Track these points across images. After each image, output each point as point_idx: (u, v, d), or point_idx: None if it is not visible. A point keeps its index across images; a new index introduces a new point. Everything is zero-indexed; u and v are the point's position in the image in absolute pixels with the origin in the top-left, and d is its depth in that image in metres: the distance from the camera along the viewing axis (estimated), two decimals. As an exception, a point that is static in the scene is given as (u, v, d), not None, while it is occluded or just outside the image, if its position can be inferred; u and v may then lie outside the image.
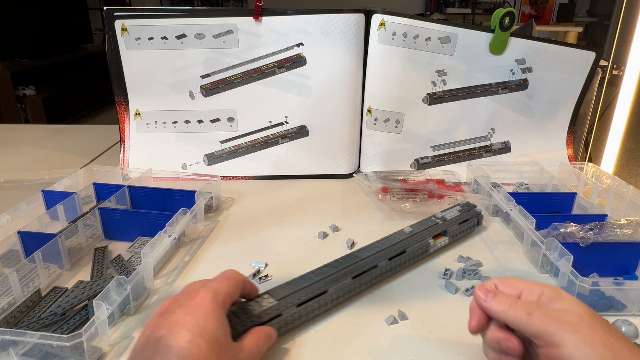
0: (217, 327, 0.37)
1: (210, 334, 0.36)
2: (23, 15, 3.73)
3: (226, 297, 0.40)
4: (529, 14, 5.60)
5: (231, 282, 0.42)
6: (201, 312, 0.37)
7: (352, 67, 0.83)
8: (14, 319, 0.47)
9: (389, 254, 0.56)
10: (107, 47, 0.83)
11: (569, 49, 0.86)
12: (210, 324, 0.37)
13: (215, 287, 0.40)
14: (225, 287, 0.41)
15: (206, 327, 0.36)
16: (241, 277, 0.44)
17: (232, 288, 0.42)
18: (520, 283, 0.38)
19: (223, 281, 0.42)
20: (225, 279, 0.42)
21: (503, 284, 0.39)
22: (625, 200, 0.70)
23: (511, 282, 0.39)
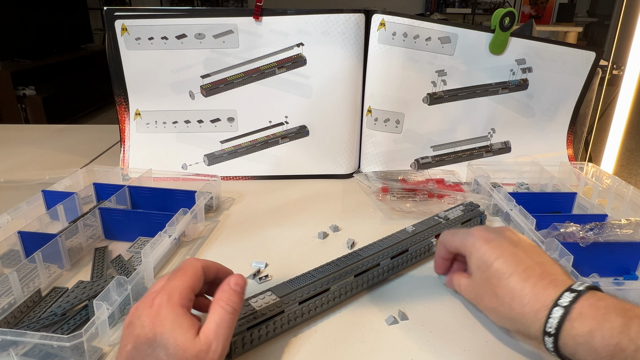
0: (174, 329, 0.36)
1: (167, 340, 0.36)
2: (23, 15, 3.73)
3: (183, 293, 0.39)
4: (529, 14, 5.61)
5: (187, 274, 0.41)
6: (158, 320, 0.37)
7: (352, 67, 0.83)
8: (14, 319, 0.47)
9: (392, 252, 0.56)
10: (107, 47, 0.83)
11: (569, 49, 0.86)
12: (165, 329, 0.36)
13: (170, 287, 0.39)
14: (180, 283, 0.39)
15: (164, 334, 0.36)
16: (198, 264, 0.42)
17: (188, 281, 0.40)
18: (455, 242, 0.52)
19: (178, 276, 0.40)
20: (180, 273, 0.41)
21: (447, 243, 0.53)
22: (625, 200, 0.70)
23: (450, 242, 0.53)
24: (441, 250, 0.53)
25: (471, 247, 0.47)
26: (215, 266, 0.44)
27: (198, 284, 0.41)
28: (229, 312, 0.40)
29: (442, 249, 0.53)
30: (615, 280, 0.50)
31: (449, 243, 0.51)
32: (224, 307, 0.40)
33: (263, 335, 0.45)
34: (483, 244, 0.46)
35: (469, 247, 0.48)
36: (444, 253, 0.53)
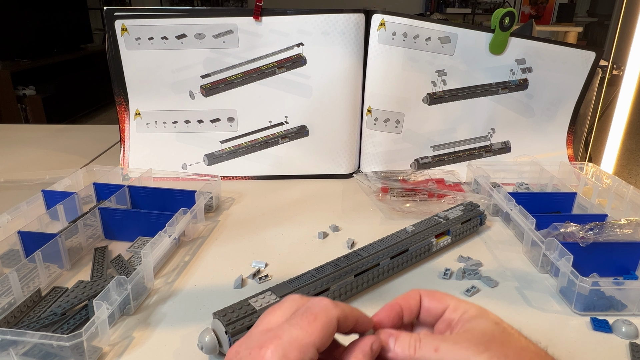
0: None
1: None
2: (23, 15, 3.73)
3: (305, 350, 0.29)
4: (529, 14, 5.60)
5: (316, 324, 0.30)
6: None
7: (352, 67, 0.83)
8: (14, 318, 0.47)
9: (392, 252, 0.56)
10: (107, 47, 0.83)
11: (569, 49, 0.86)
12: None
13: (289, 340, 0.29)
14: (304, 335, 0.30)
15: None
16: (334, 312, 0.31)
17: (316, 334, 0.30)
18: (448, 299, 0.35)
19: (303, 325, 0.30)
20: (307, 321, 0.30)
21: (430, 297, 0.36)
22: (625, 200, 0.70)
23: (439, 297, 0.36)
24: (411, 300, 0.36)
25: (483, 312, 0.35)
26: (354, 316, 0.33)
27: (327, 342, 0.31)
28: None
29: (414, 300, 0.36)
30: (615, 280, 0.50)
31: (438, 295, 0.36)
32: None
33: (263, 335, 0.45)
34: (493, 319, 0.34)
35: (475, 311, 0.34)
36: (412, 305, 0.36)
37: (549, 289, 0.56)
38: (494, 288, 0.56)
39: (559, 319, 0.50)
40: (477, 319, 0.33)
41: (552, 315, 0.51)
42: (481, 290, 0.55)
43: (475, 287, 0.55)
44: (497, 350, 0.30)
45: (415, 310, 0.36)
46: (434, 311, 0.35)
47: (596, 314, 0.50)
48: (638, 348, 0.45)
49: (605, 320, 0.49)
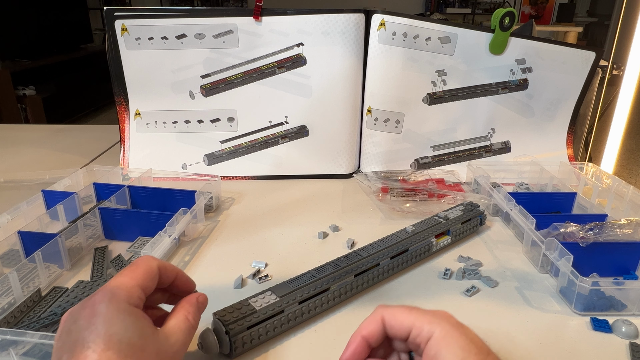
0: (126, 328, 0.32)
1: (119, 341, 0.31)
2: (23, 15, 3.73)
3: (131, 289, 0.34)
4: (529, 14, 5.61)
5: (138, 270, 0.36)
6: (100, 319, 0.31)
7: (352, 67, 0.83)
8: (14, 318, 0.47)
9: (392, 252, 0.56)
10: (107, 47, 0.83)
11: (569, 49, 0.86)
12: (115, 329, 0.31)
13: (115, 284, 0.34)
14: (128, 279, 0.35)
15: (112, 335, 0.31)
16: (154, 262, 0.38)
17: (139, 277, 0.36)
18: (410, 319, 0.34)
19: (126, 273, 0.36)
20: (130, 270, 0.36)
21: (392, 319, 0.35)
22: (625, 200, 0.70)
23: (400, 318, 0.35)
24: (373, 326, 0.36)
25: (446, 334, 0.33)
26: (174, 270, 0.40)
27: (150, 285, 0.37)
28: (193, 326, 0.37)
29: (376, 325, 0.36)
30: (615, 280, 0.50)
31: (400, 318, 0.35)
32: (190, 320, 0.37)
33: (263, 334, 0.45)
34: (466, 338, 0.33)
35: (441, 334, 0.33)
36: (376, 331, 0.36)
37: (549, 289, 0.56)
38: (494, 288, 0.56)
39: (558, 319, 0.50)
40: (445, 351, 0.32)
41: (552, 315, 0.51)
42: (481, 290, 0.55)
43: (475, 287, 0.55)
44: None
45: (380, 335, 0.36)
46: (398, 333, 0.35)
47: (596, 314, 0.50)
48: (638, 348, 0.45)
49: (605, 320, 0.49)
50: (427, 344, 0.33)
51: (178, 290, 0.41)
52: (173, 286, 0.40)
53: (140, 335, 0.32)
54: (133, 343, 0.31)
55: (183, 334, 0.36)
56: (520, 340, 0.47)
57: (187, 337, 0.37)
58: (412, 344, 0.35)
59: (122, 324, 0.32)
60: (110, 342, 0.31)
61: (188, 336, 0.37)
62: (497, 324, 0.49)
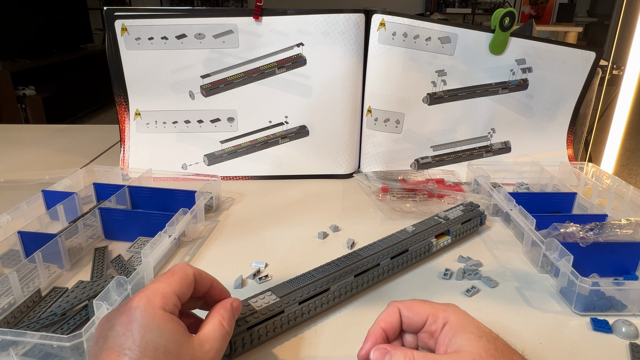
0: (161, 335, 0.32)
1: (154, 348, 0.31)
2: (23, 15, 3.73)
3: (167, 296, 0.34)
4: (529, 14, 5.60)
5: (174, 277, 0.36)
6: (136, 326, 0.32)
7: (352, 67, 0.83)
8: (14, 319, 0.47)
9: (392, 252, 0.56)
10: (107, 47, 0.83)
11: (569, 49, 0.86)
12: (151, 336, 0.32)
13: (151, 290, 0.35)
14: (165, 285, 0.35)
15: (147, 342, 0.31)
16: (190, 270, 0.38)
17: (175, 284, 0.36)
18: (425, 308, 0.37)
19: (163, 279, 0.36)
20: (166, 276, 0.37)
21: (408, 310, 0.37)
22: (625, 200, 0.70)
23: (417, 308, 0.37)
24: (391, 317, 0.38)
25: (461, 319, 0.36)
26: (210, 278, 0.40)
27: (186, 291, 0.37)
28: (228, 332, 0.37)
29: (394, 317, 0.38)
30: (615, 280, 0.50)
31: (416, 308, 0.37)
32: (224, 326, 0.37)
33: (263, 335, 0.45)
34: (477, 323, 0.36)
35: (456, 320, 0.36)
36: (394, 322, 0.38)
37: (549, 289, 0.56)
38: (494, 288, 0.56)
39: (559, 319, 0.50)
40: (461, 334, 0.35)
41: (552, 316, 0.51)
42: (481, 290, 0.55)
43: (475, 287, 0.55)
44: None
45: (397, 326, 0.38)
46: (414, 323, 0.37)
47: (596, 314, 0.50)
48: (638, 348, 0.45)
49: (605, 321, 0.49)
50: (442, 330, 0.36)
51: (212, 299, 0.40)
52: (208, 295, 0.40)
53: (175, 343, 0.33)
54: (169, 350, 0.32)
55: (218, 341, 0.36)
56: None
57: (222, 343, 0.36)
58: (426, 332, 0.37)
59: (158, 331, 0.32)
60: (146, 349, 0.31)
61: (223, 342, 0.36)
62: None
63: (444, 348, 0.35)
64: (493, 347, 0.34)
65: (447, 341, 0.35)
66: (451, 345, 0.34)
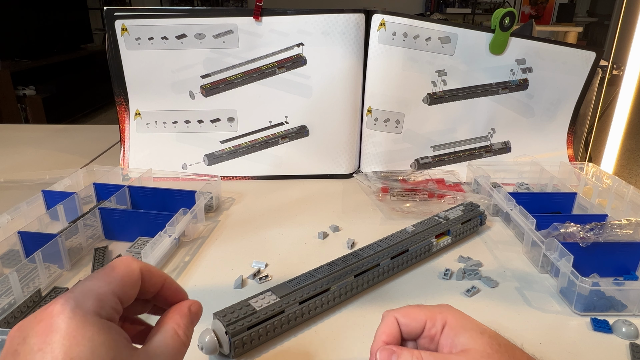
0: (93, 350, 0.24)
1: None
2: (23, 15, 3.73)
3: (103, 297, 0.27)
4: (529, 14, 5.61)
5: (114, 273, 0.29)
6: (58, 337, 0.24)
7: (352, 67, 0.83)
8: (15, 319, 0.47)
9: (392, 252, 0.56)
10: (107, 47, 0.83)
11: (569, 49, 0.86)
12: (78, 351, 0.24)
13: (82, 290, 0.27)
14: (101, 284, 0.28)
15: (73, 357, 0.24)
16: (136, 264, 0.30)
17: (115, 283, 0.28)
18: (422, 313, 0.36)
19: (98, 276, 0.28)
20: (104, 273, 0.29)
21: (405, 317, 0.36)
22: (625, 200, 0.70)
23: (413, 314, 0.36)
24: (390, 329, 0.36)
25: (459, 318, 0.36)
26: (161, 276, 0.32)
27: (129, 291, 0.29)
28: (184, 344, 0.30)
29: (393, 328, 0.36)
30: (615, 280, 0.50)
31: (412, 314, 0.36)
32: (180, 336, 0.30)
33: (263, 335, 0.45)
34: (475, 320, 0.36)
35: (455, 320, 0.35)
36: (394, 333, 0.36)
37: (549, 289, 0.56)
38: (494, 288, 0.56)
39: (559, 320, 0.50)
40: (463, 333, 0.34)
41: (552, 316, 0.51)
42: (481, 290, 0.55)
43: (475, 287, 0.55)
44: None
45: (398, 335, 0.36)
46: (413, 330, 0.36)
47: (596, 315, 0.50)
48: (638, 348, 0.45)
49: (605, 321, 0.49)
50: (442, 332, 0.35)
51: (165, 302, 0.33)
52: (159, 296, 0.33)
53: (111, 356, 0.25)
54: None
55: (171, 354, 0.29)
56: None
57: (177, 356, 0.30)
58: (426, 337, 0.36)
59: (89, 344, 0.25)
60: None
61: (178, 355, 0.30)
62: (497, 324, 0.49)
63: (448, 349, 0.34)
64: (496, 342, 0.34)
65: (450, 342, 0.34)
66: (455, 345, 0.34)
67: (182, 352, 0.30)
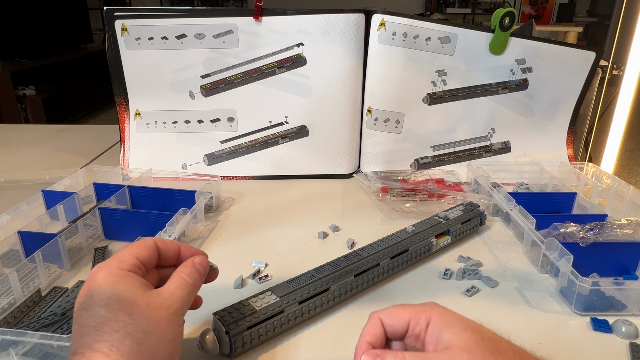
0: (113, 286, 0.35)
1: (107, 298, 0.34)
2: (23, 15, 3.73)
3: (124, 258, 0.38)
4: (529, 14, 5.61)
5: (133, 244, 0.40)
6: (93, 285, 0.35)
7: (352, 67, 0.83)
8: (14, 319, 0.47)
9: (392, 252, 0.56)
10: (107, 47, 0.83)
11: (569, 49, 0.86)
12: (104, 289, 0.34)
13: (110, 259, 0.38)
14: (123, 252, 0.38)
15: (101, 294, 0.34)
16: (150, 239, 0.41)
17: (132, 250, 0.39)
18: (406, 312, 0.36)
19: (122, 249, 0.39)
20: (126, 246, 0.40)
21: (389, 318, 0.37)
22: (625, 200, 0.70)
23: (397, 314, 0.37)
24: (374, 329, 0.37)
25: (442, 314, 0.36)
26: (175, 244, 0.42)
27: (147, 254, 0.39)
28: (190, 284, 0.39)
29: (377, 328, 0.37)
30: (615, 280, 0.50)
31: (396, 314, 0.37)
32: (184, 278, 0.39)
33: (263, 334, 0.45)
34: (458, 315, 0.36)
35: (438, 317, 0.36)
36: (378, 333, 0.37)
37: (549, 289, 0.56)
38: (494, 288, 0.56)
39: (559, 319, 0.50)
40: (446, 329, 0.35)
41: (552, 316, 0.51)
42: (481, 290, 0.55)
43: (475, 287, 0.55)
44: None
45: (382, 336, 0.37)
46: (398, 329, 0.37)
47: (596, 314, 0.50)
48: (638, 348, 0.45)
49: (605, 321, 0.49)
50: (427, 330, 0.35)
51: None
52: (181, 260, 0.42)
53: (129, 292, 0.35)
54: (121, 298, 0.34)
55: (178, 289, 0.38)
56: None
57: (184, 292, 0.38)
58: (411, 336, 0.36)
59: (111, 284, 0.35)
60: (100, 299, 0.34)
61: (185, 292, 0.38)
62: (497, 324, 0.49)
63: (433, 347, 0.35)
64: (480, 337, 0.34)
65: (435, 340, 0.35)
66: (439, 342, 0.34)
67: (188, 289, 0.38)
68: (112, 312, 0.34)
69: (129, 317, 0.34)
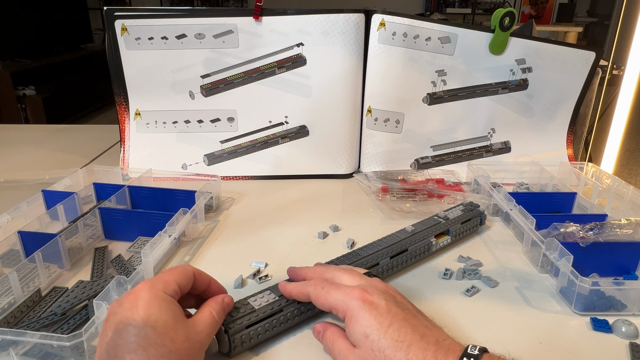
0: (161, 311, 0.37)
1: (155, 320, 0.36)
2: (23, 15, 3.73)
3: (167, 283, 0.40)
4: (529, 14, 5.61)
5: (175, 270, 0.42)
6: (141, 302, 0.37)
7: (352, 67, 0.83)
8: (14, 318, 0.47)
9: (391, 252, 0.56)
10: (107, 47, 0.83)
11: (569, 49, 0.86)
12: (152, 310, 0.36)
13: (155, 277, 0.40)
14: (166, 275, 0.41)
15: (150, 315, 0.36)
16: (190, 267, 0.43)
17: (175, 275, 0.41)
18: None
19: (165, 271, 0.42)
20: (168, 270, 0.42)
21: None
22: (625, 200, 0.70)
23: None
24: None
25: (355, 312, 0.40)
26: (208, 277, 0.45)
27: (186, 283, 0.42)
28: (217, 322, 0.41)
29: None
30: (615, 280, 0.50)
31: (322, 301, 0.43)
32: (214, 316, 0.41)
33: (262, 333, 0.45)
34: (370, 309, 0.40)
35: (351, 311, 0.41)
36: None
37: (549, 289, 0.56)
38: (494, 288, 0.56)
39: (559, 319, 0.50)
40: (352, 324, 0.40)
41: (552, 316, 0.51)
42: (481, 290, 0.55)
43: (475, 287, 0.55)
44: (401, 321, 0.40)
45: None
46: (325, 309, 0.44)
47: (596, 314, 0.50)
48: (638, 348, 0.45)
49: (605, 320, 0.49)
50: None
51: (212, 296, 0.45)
52: (206, 293, 0.45)
53: (173, 318, 0.37)
54: (167, 324, 0.36)
55: (208, 326, 0.40)
56: (520, 340, 0.47)
57: (211, 329, 0.41)
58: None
59: (158, 307, 0.37)
60: (148, 320, 0.36)
61: (212, 329, 0.41)
62: (497, 324, 0.50)
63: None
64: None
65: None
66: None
67: (214, 327, 0.41)
68: (159, 337, 0.36)
69: (172, 344, 0.36)
